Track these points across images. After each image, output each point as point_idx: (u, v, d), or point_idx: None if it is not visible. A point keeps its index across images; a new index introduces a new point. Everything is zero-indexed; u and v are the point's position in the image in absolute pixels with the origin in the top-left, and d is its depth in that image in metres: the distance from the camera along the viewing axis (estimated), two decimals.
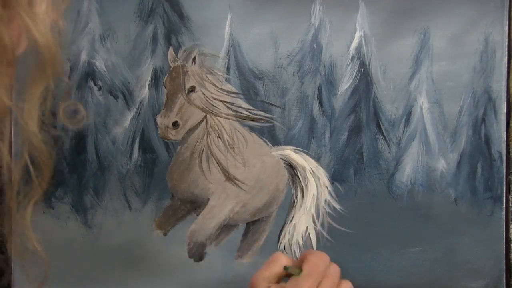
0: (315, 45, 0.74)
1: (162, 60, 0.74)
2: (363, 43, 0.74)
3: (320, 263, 0.56)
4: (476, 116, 0.75)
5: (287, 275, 0.58)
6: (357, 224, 0.75)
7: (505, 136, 0.75)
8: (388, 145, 0.75)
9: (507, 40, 0.74)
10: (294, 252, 0.74)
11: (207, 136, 0.73)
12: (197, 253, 0.74)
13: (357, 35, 0.74)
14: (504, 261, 0.75)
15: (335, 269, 0.58)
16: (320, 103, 0.74)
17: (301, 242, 0.74)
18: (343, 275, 0.74)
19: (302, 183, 0.75)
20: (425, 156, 0.75)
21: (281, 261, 0.57)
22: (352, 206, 0.75)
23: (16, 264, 0.73)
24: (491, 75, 0.74)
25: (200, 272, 0.75)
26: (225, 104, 0.73)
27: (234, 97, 0.74)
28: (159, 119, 0.73)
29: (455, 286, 0.75)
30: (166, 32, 0.73)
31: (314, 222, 0.75)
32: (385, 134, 0.75)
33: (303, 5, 0.73)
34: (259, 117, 0.74)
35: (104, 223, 0.74)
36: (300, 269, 0.55)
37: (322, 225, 0.75)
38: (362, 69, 0.74)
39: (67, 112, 0.57)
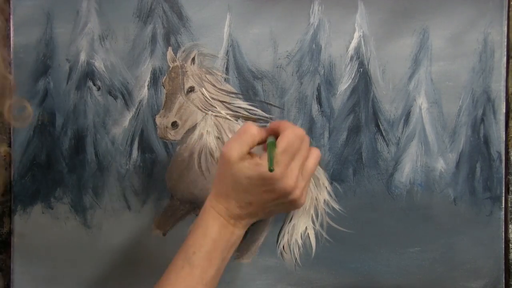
0: (314, 45, 0.74)
1: (161, 60, 0.73)
2: (362, 43, 0.74)
3: (296, 140, 0.57)
4: (475, 116, 0.74)
5: (260, 143, 0.58)
6: (356, 224, 0.74)
7: (504, 136, 0.74)
8: (387, 145, 0.75)
9: (506, 40, 0.74)
10: (293, 252, 0.74)
11: (206, 136, 0.73)
12: None
13: (356, 35, 0.74)
14: (503, 261, 0.75)
15: (307, 142, 0.58)
16: (319, 103, 0.74)
17: (300, 242, 0.74)
18: (343, 276, 0.75)
19: None
20: (424, 156, 0.75)
21: (252, 131, 0.58)
22: (351, 206, 0.74)
23: (15, 264, 0.73)
24: (490, 75, 0.74)
25: None
26: (224, 104, 0.73)
27: (233, 97, 0.73)
28: (158, 119, 0.73)
29: (454, 286, 0.75)
30: (165, 32, 0.73)
31: (313, 222, 0.74)
32: (384, 134, 0.75)
33: (302, 5, 0.73)
34: (258, 117, 0.73)
35: (103, 223, 0.74)
36: (275, 143, 0.55)
37: (321, 225, 0.74)
38: (361, 69, 0.74)
39: (13, 110, 0.57)
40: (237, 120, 0.73)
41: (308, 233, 0.74)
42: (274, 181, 0.56)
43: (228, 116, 0.73)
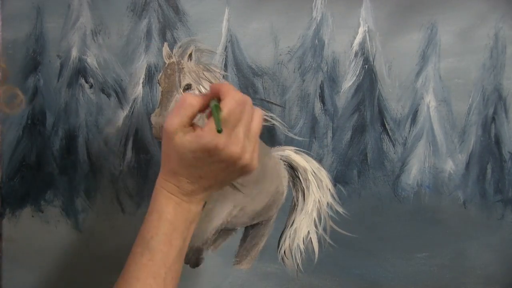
0: (316, 41, 0.72)
1: (156, 56, 0.72)
2: (367, 38, 0.73)
3: (236, 108, 0.55)
4: (485, 115, 0.73)
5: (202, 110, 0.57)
6: (361, 228, 0.73)
7: None
8: (394, 146, 0.73)
9: None
10: (295, 258, 0.73)
11: None
12: (194, 259, 0.72)
13: (360, 30, 0.72)
14: None
15: (249, 105, 0.57)
16: (322, 101, 0.73)
17: (302, 247, 0.73)
18: (347, 282, 0.74)
19: (303, 185, 0.73)
20: (432, 157, 0.73)
21: (190, 101, 0.56)
22: (355, 209, 0.73)
23: (4, 269, 0.72)
24: (501, 71, 0.73)
25: (197, 278, 0.73)
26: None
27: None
28: (153, 118, 0.71)
29: None
30: (160, 27, 0.72)
31: (316, 226, 0.73)
32: (390, 134, 0.73)
33: None
34: None
35: (96, 227, 0.72)
36: (218, 105, 0.54)
37: (324, 229, 0.73)
38: (366, 66, 0.73)
39: (5, 98, 0.57)
40: None
41: (310, 238, 0.73)
42: (219, 151, 0.55)
43: None
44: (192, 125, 0.57)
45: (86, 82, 0.72)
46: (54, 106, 0.71)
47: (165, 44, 0.71)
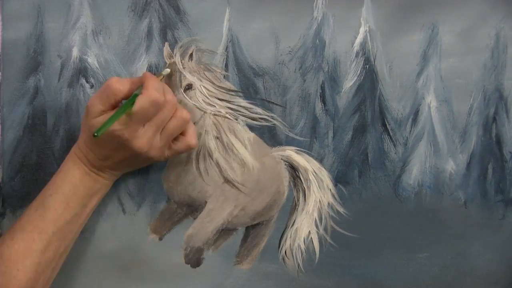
0: (317, 41, 0.72)
1: (157, 56, 0.71)
2: (368, 38, 0.72)
3: (150, 108, 0.57)
4: (486, 115, 0.73)
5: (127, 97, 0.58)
6: (361, 228, 0.73)
7: None
8: (395, 146, 0.73)
9: None
10: (296, 258, 0.72)
11: (205, 136, 0.71)
12: (194, 259, 0.72)
13: (361, 30, 0.72)
14: None
15: (169, 107, 0.59)
16: (323, 101, 0.72)
17: (303, 247, 0.73)
18: (348, 282, 0.73)
19: (304, 185, 0.73)
20: (433, 157, 0.73)
21: (115, 87, 0.58)
22: (356, 210, 0.73)
23: None
24: (502, 72, 0.72)
25: (197, 278, 0.73)
26: (223, 103, 0.71)
27: (233, 95, 0.71)
28: None
29: None
30: (161, 27, 0.71)
31: (316, 226, 0.72)
32: (391, 134, 0.73)
33: None
34: (259, 116, 0.71)
35: (97, 227, 0.71)
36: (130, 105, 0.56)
37: (325, 229, 0.73)
38: (367, 66, 0.72)
39: None
40: (237, 119, 0.71)
41: (311, 238, 0.72)
42: (123, 141, 0.58)
43: (227, 115, 0.71)
44: (113, 108, 0.58)
45: (87, 82, 0.71)
46: (55, 106, 0.70)
47: (166, 44, 0.71)
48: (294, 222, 0.73)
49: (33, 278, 0.58)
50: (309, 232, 0.73)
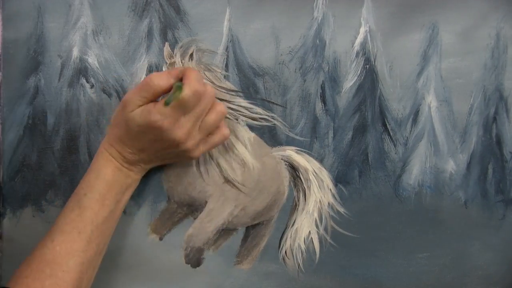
0: (318, 41, 0.72)
1: (157, 56, 0.71)
2: (369, 38, 0.72)
3: (191, 98, 0.57)
4: (487, 115, 0.73)
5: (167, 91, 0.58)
6: (362, 228, 0.73)
7: None
8: (395, 146, 0.73)
9: None
10: (296, 258, 0.72)
11: None
12: (194, 259, 0.72)
13: (362, 30, 0.72)
14: None
15: (208, 98, 0.59)
16: (323, 101, 0.72)
17: (303, 247, 0.72)
18: (348, 282, 0.73)
19: (305, 185, 0.73)
20: (433, 157, 0.73)
21: (156, 82, 0.57)
22: (356, 210, 0.73)
23: (4, 270, 0.71)
24: (503, 72, 0.72)
25: (197, 278, 0.73)
26: (223, 103, 0.71)
27: (233, 95, 0.71)
28: None
29: None
30: (162, 27, 0.71)
31: (317, 226, 0.72)
32: (391, 134, 0.73)
33: None
34: (260, 116, 0.71)
35: None
36: (181, 86, 0.56)
37: (325, 229, 0.72)
38: (367, 66, 0.72)
39: None
40: (237, 119, 0.71)
41: (311, 238, 0.72)
42: (162, 131, 0.57)
43: (228, 115, 0.70)
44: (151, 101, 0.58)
45: (87, 82, 0.71)
46: (55, 106, 0.70)
47: (166, 44, 0.71)
48: (294, 222, 0.72)
49: (78, 278, 0.58)
50: (309, 232, 0.72)
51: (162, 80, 0.58)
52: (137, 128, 0.58)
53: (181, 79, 0.59)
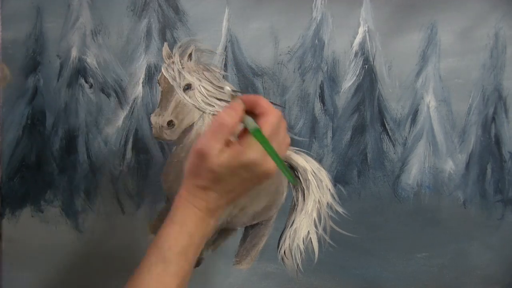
0: (316, 41, 0.72)
1: (156, 56, 0.71)
2: (367, 38, 0.72)
3: (278, 124, 0.56)
4: (485, 115, 0.73)
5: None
6: (361, 228, 0.73)
7: None
8: (394, 146, 0.73)
9: None
10: (295, 258, 0.72)
11: None
12: None
13: (360, 30, 0.72)
14: None
15: (284, 123, 0.57)
16: (322, 101, 0.72)
17: (302, 247, 0.72)
18: (347, 282, 0.73)
19: (303, 185, 0.72)
20: (432, 157, 0.73)
21: (227, 123, 0.55)
22: (355, 210, 0.73)
23: (3, 270, 0.71)
24: (501, 71, 0.72)
25: (197, 278, 0.72)
26: (222, 103, 0.71)
27: (232, 95, 0.71)
28: (153, 118, 0.70)
29: None
30: (160, 27, 0.71)
31: (316, 226, 0.72)
32: (390, 134, 0.73)
33: None
34: None
35: (96, 227, 0.72)
36: (260, 131, 0.54)
37: (324, 229, 0.72)
38: (366, 66, 0.72)
39: None
40: None
41: (310, 238, 0.72)
42: (257, 167, 0.56)
43: None
44: (227, 142, 0.56)
45: (86, 82, 0.71)
46: (54, 106, 0.71)
47: (165, 44, 0.71)
48: (293, 222, 0.72)
49: None
50: (308, 232, 0.72)
51: (233, 118, 0.56)
52: (227, 171, 0.56)
53: (246, 110, 0.57)
